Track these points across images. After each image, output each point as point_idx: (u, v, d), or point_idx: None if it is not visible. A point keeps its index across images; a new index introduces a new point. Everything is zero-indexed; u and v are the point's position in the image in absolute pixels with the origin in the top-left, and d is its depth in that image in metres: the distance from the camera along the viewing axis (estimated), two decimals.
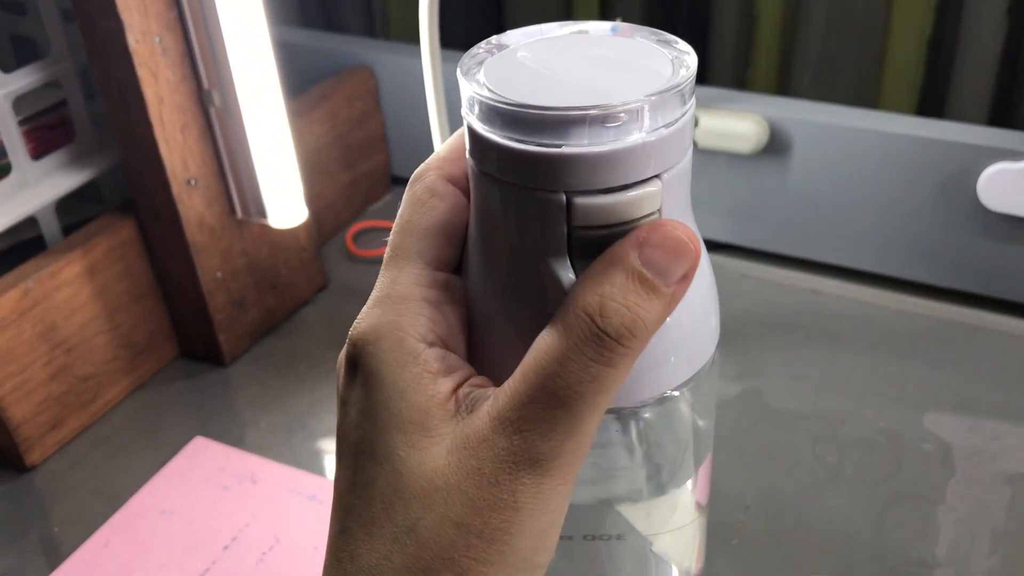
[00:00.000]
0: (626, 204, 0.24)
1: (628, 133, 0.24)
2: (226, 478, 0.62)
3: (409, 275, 0.28)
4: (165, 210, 0.65)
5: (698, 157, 0.74)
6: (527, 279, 0.26)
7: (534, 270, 0.26)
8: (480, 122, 0.25)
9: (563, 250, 0.25)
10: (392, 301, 0.28)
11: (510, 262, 0.27)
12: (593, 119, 0.23)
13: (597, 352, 0.24)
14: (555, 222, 0.25)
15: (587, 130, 0.24)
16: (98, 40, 0.60)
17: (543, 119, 0.24)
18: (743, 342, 0.70)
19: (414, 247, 0.28)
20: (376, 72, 0.86)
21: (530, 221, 0.25)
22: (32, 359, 0.62)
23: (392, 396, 0.26)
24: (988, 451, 0.60)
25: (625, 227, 0.25)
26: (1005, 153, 0.65)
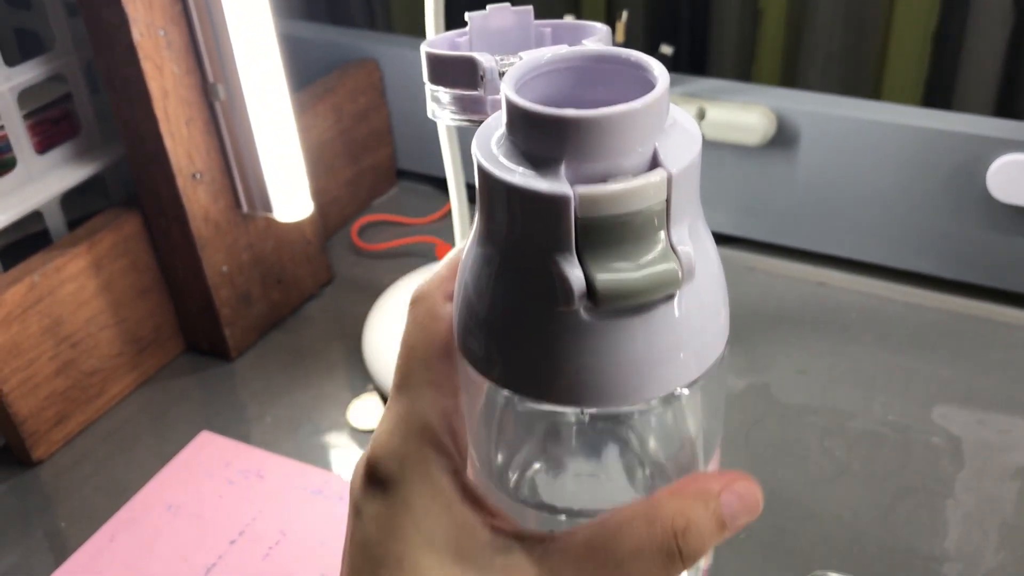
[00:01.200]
0: (631, 192, 0.24)
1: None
2: (232, 473, 0.62)
3: (424, 403, 0.29)
4: (170, 204, 0.65)
5: (705, 149, 0.74)
6: (532, 274, 0.25)
7: (542, 263, 0.25)
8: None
9: (571, 242, 0.24)
10: (413, 431, 0.29)
11: (516, 256, 0.26)
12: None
13: (666, 562, 0.26)
14: (563, 213, 0.24)
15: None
16: (102, 34, 0.60)
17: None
18: (750, 335, 0.69)
19: (423, 376, 0.29)
20: (381, 65, 0.86)
21: (539, 215, 0.25)
22: (38, 354, 0.62)
23: (424, 522, 0.27)
24: (997, 444, 0.59)
25: (631, 216, 0.24)
26: (1014, 144, 0.64)
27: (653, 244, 0.25)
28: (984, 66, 0.78)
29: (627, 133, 0.24)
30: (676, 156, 0.24)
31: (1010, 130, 0.65)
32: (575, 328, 0.25)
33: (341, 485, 0.60)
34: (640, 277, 0.24)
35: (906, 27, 0.79)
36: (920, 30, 0.78)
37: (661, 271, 0.24)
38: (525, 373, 0.27)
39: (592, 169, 0.24)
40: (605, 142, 0.24)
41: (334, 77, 0.83)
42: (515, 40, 0.31)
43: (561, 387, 0.26)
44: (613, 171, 0.24)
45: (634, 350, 0.26)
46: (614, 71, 0.27)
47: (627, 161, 0.24)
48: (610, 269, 0.24)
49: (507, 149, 0.25)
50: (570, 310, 0.25)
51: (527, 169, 0.24)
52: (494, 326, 0.27)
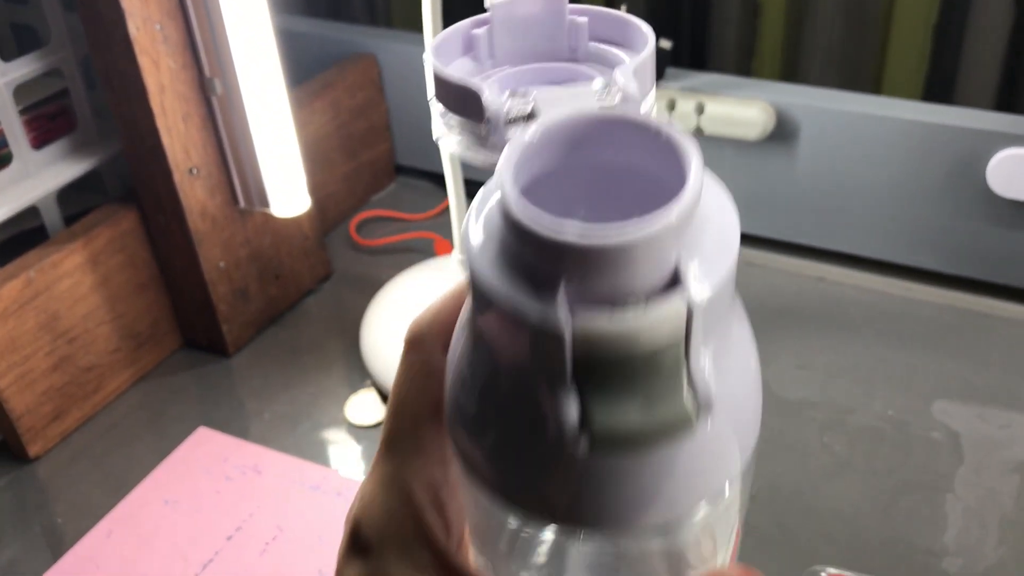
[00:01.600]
0: (640, 331, 0.19)
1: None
2: (229, 468, 0.61)
3: (410, 471, 0.27)
4: (167, 200, 0.65)
5: (704, 144, 0.73)
6: (525, 397, 0.22)
7: (534, 388, 0.21)
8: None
9: (565, 375, 0.20)
10: (396, 500, 0.27)
11: (508, 373, 0.22)
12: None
13: None
14: (556, 345, 0.20)
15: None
16: (99, 28, 0.60)
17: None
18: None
19: (411, 440, 0.27)
20: (380, 60, 0.85)
21: (530, 340, 0.21)
22: (34, 349, 0.62)
23: None
24: (997, 439, 0.59)
25: (641, 355, 0.20)
26: (1015, 139, 0.64)
27: (667, 381, 0.20)
28: (985, 60, 0.78)
29: (639, 258, 0.19)
30: (705, 270, 0.20)
31: (1010, 124, 0.65)
32: (572, 464, 0.22)
33: (339, 481, 0.60)
34: (647, 422, 0.20)
35: (906, 21, 0.79)
36: (920, 24, 0.78)
37: (672, 415, 0.20)
38: (516, 492, 0.24)
39: (597, 290, 0.20)
40: (612, 268, 0.19)
41: (332, 72, 0.83)
42: (544, 32, 0.27)
43: (557, 511, 0.23)
44: (622, 296, 0.20)
45: (641, 482, 0.23)
46: (638, 140, 0.22)
47: (641, 282, 0.20)
48: (612, 410, 0.20)
49: (502, 251, 0.21)
50: (564, 448, 0.21)
51: (520, 284, 0.20)
52: (484, 436, 0.23)
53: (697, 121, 0.71)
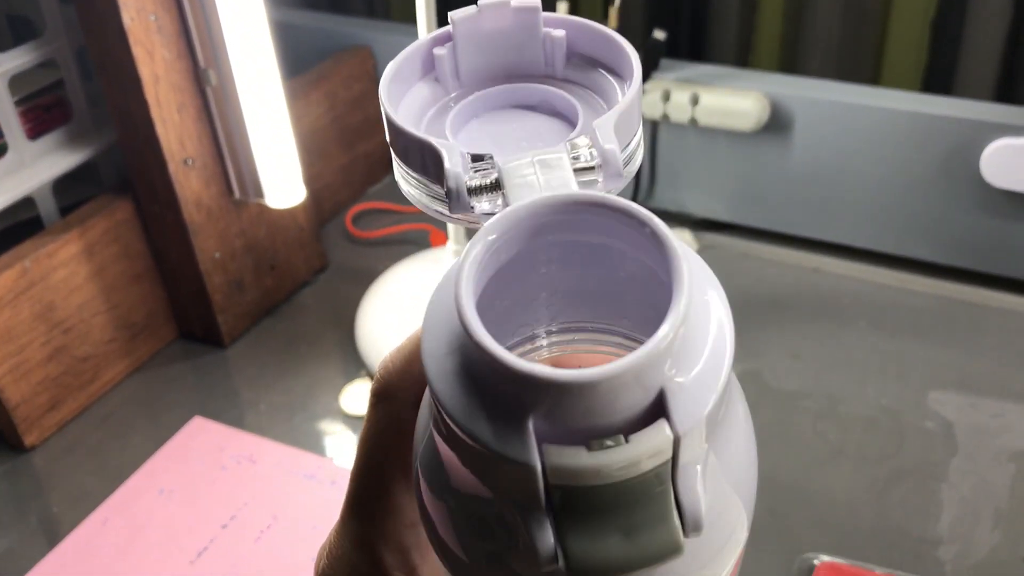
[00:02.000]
0: (618, 465, 0.17)
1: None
2: (225, 458, 0.62)
3: (377, 535, 0.25)
4: (162, 190, 0.65)
5: (698, 135, 0.74)
6: (497, 520, 0.20)
7: (507, 515, 0.19)
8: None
9: (540, 504, 0.18)
10: (365, 564, 0.25)
11: (478, 496, 0.20)
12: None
13: None
14: (526, 479, 0.18)
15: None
16: (93, 19, 0.60)
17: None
18: (744, 322, 0.69)
19: (379, 501, 0.25)
20: (375, 52, 0.86)
21: (499, 472, 0.19)
22: (30, 339, 0.62)
23: None
24: (990, 428, 0.59)
25: (621, 485, 0.18)
26: (1008, 129, 0.64)
27: (651, 511, 0.18)
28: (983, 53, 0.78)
29: (615, 392, 0.17)
30: (692, 394, 0.18)
31: (1003, 115, 0.65)
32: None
33: (333, 470, 0.60)
34: (630, 551, 0.18)
35: (905, 14, 0.79)
36: (919, 16, 0.78)
37: (659, 543, 0.18)
38: None
39: (572, 424, 0.18)
40: (585, 406, 0.17)
41: (328, 64, 0.83)
42: (516, 48, 0.23)
43: None
44: (599, 427, 0.18)
45: None
46: (615, 224, 0.20)
47: (619, 415, 0.18)
48: (591, 540, 0.18)
49: (465, 374, 0.19)
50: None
51: (485, 408, 0.18)
52: (454, 548, 0.21)
53: (692, 112, 0.71)
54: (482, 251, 0.19)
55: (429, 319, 0.20)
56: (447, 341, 0.19)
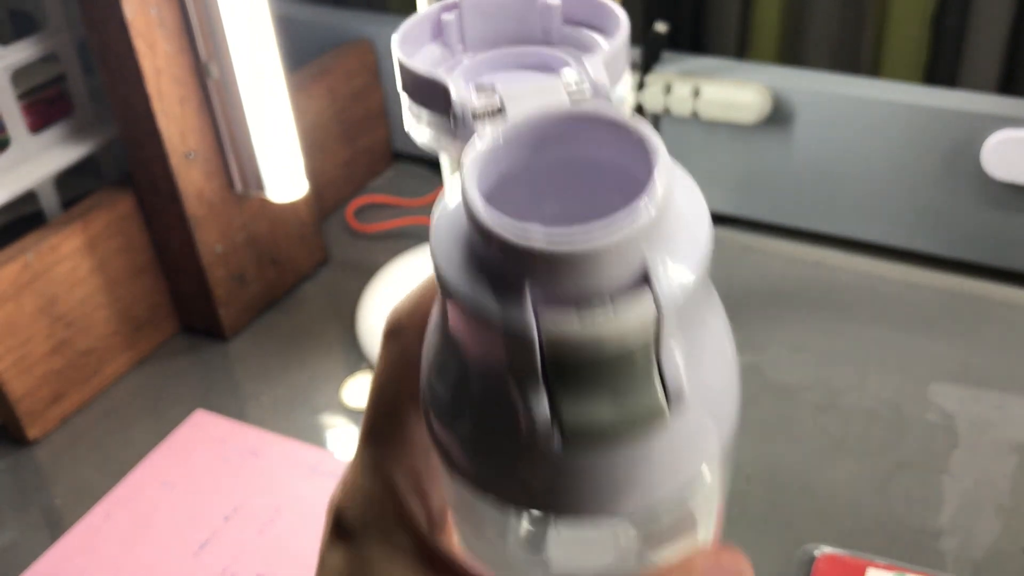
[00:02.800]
0: (607, 334, 0.20)
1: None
2: (227, 451, 0.62)
3: (391, 461, 0.27)
4: (164, 183, 0.65)
5: (700, 128, 0.74)
6: (497, 393, 0.22)
7: (505, 385, 0.21)
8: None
9: (536, 373, 0.20)
10: (378, 488, 0.27)
11: (479, 370, 0.22)
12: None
13: None
14: (525, 347, 0.20)
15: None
16: (95, 12, 0.60)
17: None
18: (747, 315, 0.69)
19: (391, 429, 0.27)
20: (376, 46, 0.86)
21: (499, 341, 0.21)
22: (32, 333, 0.62)
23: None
24: (992, 420, 0.59)
25: (609, 356, 0.20)
26: (1010, 121, 0.64)
27: (636, 378, 0.20)
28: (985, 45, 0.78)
29: (605, 263, 0.19)
30: (675, 268, 0.20)
31: (1005, 106, 0.65)
32: (545, 456, 0.22)
33: (335, 463, 0.60)
34: (618, 414, 0.21)
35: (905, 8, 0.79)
36: (920, 9, 0.78)
37: (643, 407, 0.21)
38: (492, 482, 0.24)
39: (563, 294, 0.20)
40: (578, 272, 0.19)
41: (329, 58, 0.83)
42: (515, 15, 0.26)
43: (533, 498, 0.23)
44: (588, 298, 0.20)
45: (614, 472, 0.23)
46: (605, 135, 0.22)
47: (608, 284, 0.20)
48: (583, 406, 0.20)
49: (468, 253, 0.21)
50: (537, 442, 0.21)
51: (487, 284, 0.20)
52: (458, 429, 0.23)
53: (693, 105, 0.71)
54: (485, 149, 0.21)
55: (437, 222, 0.22)
56: (452, 235, 0.21)
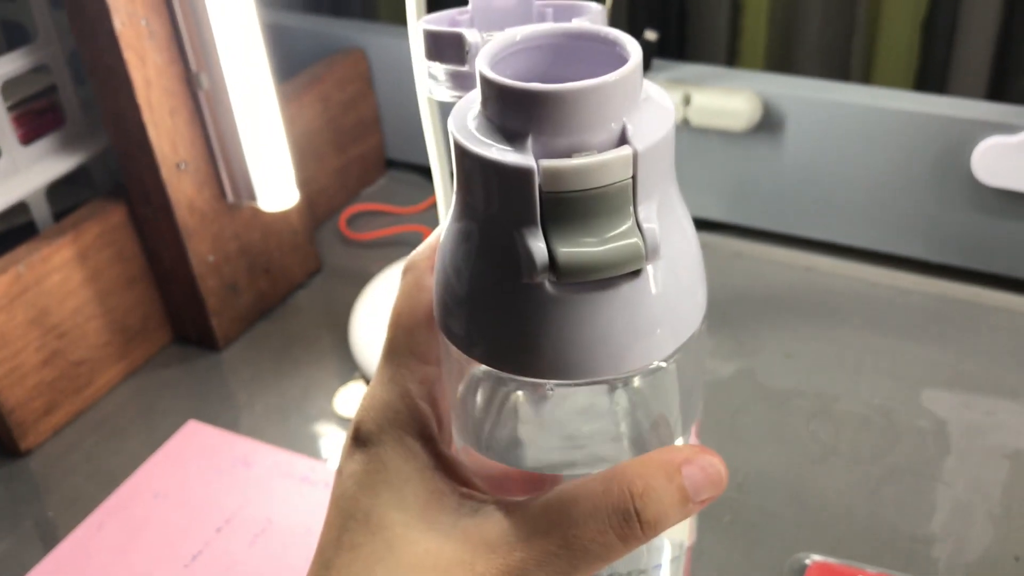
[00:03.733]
0: (594, 168, 0.24)
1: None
2: (219, 461, 0.62)
3: (406, 371, 0.31)
4: (155, 194, 0.65)
5: (691, 135, 0.74)
6: (501, 247, 0.26)
7: (509, 236, 0.26)
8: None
9: (535, 216, 0.25)
10: (394, 396, 0.31)
11: (486, 230, 0.27)
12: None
13: (621, 524, 0.27)
14: (527, 186, 0.25)
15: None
16: (84, 23, 0.60)
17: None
18: (738, 320, 0.69)
19: (406, 345, 0.31)
20: (368, 54, 0.86)
21: (504, 187, 0.25)
22: (24, 344, 0.62)
23: (396, 481, 0.29)
24: (983, 426, 0.59)
25: (596, 192, 0.25)
26: (999, 127, 0.64)
27: (619, 220, 0.25)
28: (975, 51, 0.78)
29: (592, 108, 0.24)
30: (645, 133, 0.25)
31: (994, 113, 0.65)
32: (544, 302, 0.26)
33: (327, 473, 0.60)
34: (602, 252, 0.25)
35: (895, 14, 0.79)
36: (910, 16, 0.78)
37: (624, 247, 0.25)
38: (497, 347, 0.27)
39: (559, 144, 0.24)
40: (570, 116, 0.24)
41: (321, 66, 0.83)
42: (517, 18, 0.31)
43: (532, 361, 0.27)
44: (580, 146, 0.24)
45: (603, 325, 0.26)
46: (590, 48, 0.27)
47: (594, 137, 0.25)
48: (574, 243, 0.25)
49: (480, 123, 0.26)
50: (535, 282, 0.25)
51: (496, 142, 0.25)
52: (467, 300, 0.28)
53: (684, 112, 0.71)
54: (495, 45, 0.26)
55: (454, 113, 0.27)
56: (467, 117, 0.26)
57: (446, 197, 0.67)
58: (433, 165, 0.65)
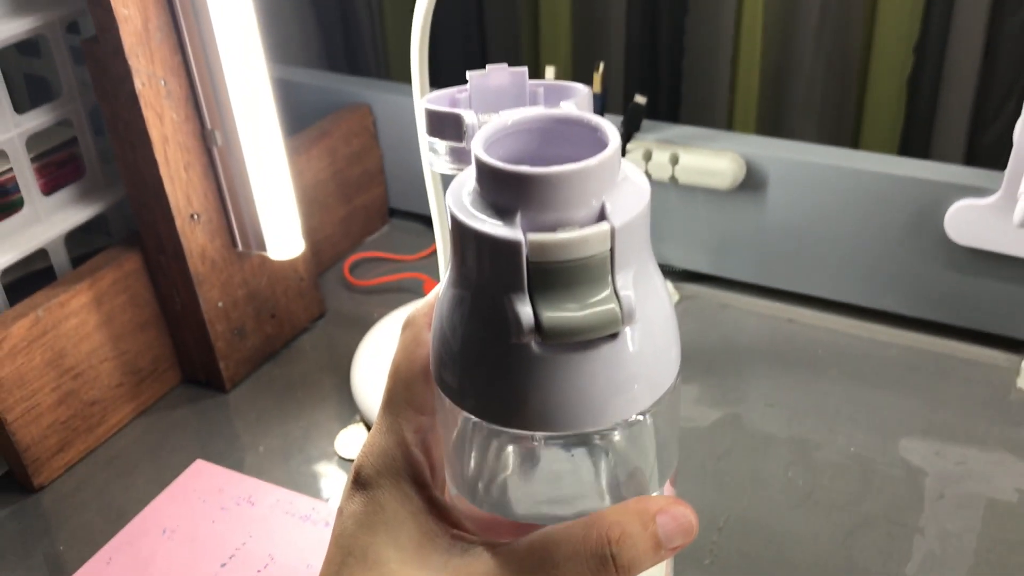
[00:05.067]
0: (576, 242, 0.27)
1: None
2: (225, 499, 0.64)
3: (403, 421, 0.34)
4: (169, 243, 0.68)
5: (678, 193, 0.77)
6: (492, 311, 0.29)
7: (499, 300, 0.28)
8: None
9: (523, 283, 0.28)
10: (391, 444, 0.33)
11: (479, 294, 0.29)
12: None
13: (598, 567, 0.29)
14: (515, 257, 0.27)
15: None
16: (107, 83, 0.64)
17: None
18: (722, 369, 0.72)
19: (403, 396, 0.34)
20: (374, 110, 0.90)
21: (495, 257, 0.28)
22: (41, 385, 0.65)
23: (392, 522, 0.32)
24: (956, 475, 0.62)
25: (578, 263, 0.27)
26: (969, 190, 0.68)
27: (598, 288, 0.28)
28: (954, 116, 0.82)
29: (574, 188, 0.27)
30: (622, 210, 0.28)
31: (965, 176, 0.69)
32: (530, 360, 0.29)
33: (328, 512, 0.63)
34: (584, 316, 0.28)
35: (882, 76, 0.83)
36: (896, 79, 0.82)
37: (603, 312, 0.28)
38: (487, 401, 0.30)
39: (544, 219, 0.27)
40: (555, 196, 0.27)
41: (329, 120, 0.87)
42: (511, 98, 0.34)
43: (519, 413, 0.30)
44: (563, 222, 0.27)
45: (584, 381, 0.29)
46: (575, 132, 0.31)
47: (576, 213, 0.28)
48: (558, 308, 0.28)
49: (475, 199, 0.29)
50: (522, 343, 0.28)
51: (488, 217, 0.28)
52: (460, 357, 0.30)
53: (672, 171, 0.75)
54: (489, 129, 0.29)
55: (451, 191, 0.30)
56: (462, 193, 0.29)
57: (445, 245, 0.71)
58: (434, 215, 0.68)
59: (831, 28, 0.83)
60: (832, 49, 0.84)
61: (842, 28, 0.83)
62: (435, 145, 0.33)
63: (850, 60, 0.84)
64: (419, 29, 0.59)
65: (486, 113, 0.32)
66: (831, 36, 0.83)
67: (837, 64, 0.85)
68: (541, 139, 0.31)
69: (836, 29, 0.83)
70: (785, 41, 0.86)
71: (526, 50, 0.97)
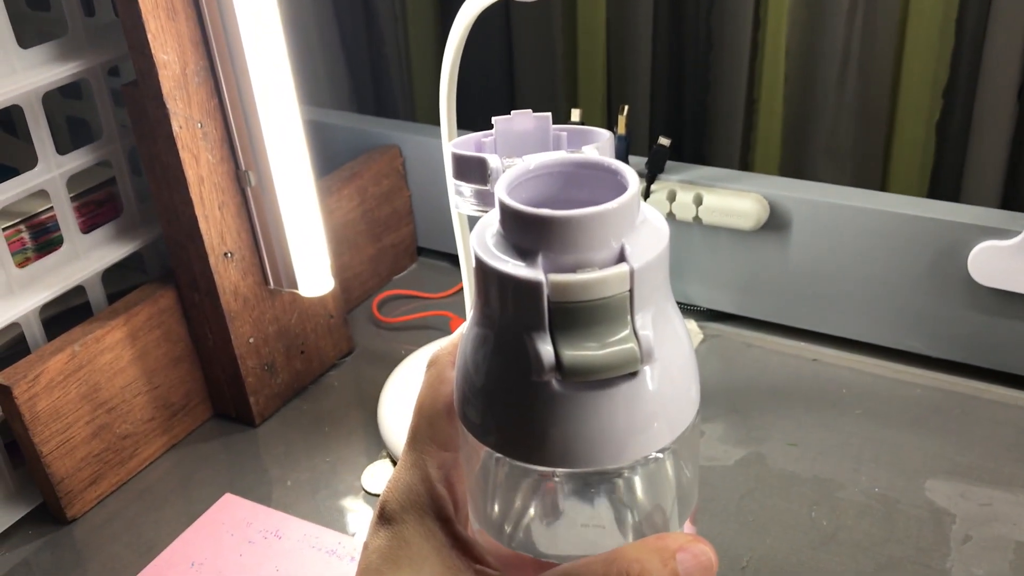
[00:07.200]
0: (596, 283, 0.28)
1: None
2: (252, 533, 0.65)
3: (427, 457, 0.34)
4: (203, 280, 0.70)
5: (702, 233, 0.78)
6: (513, 349, 0.29)
7: (520, 339, 0.29)
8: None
9: (544, 322, 0.28)
10: (415, 480, 0.34)
11: (501, 333, 0.30)
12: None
13: None
14: (537, 297, 0.28)
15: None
16: (145, 126, 0.66)
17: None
18: (746, 408, 0.73)
19: (427, 433, 0.35)
20: (404, 151, 0.91)
21: (517, 297, 0.29)
22: (76, 418, 0.67)
23: (416, 557, 0.33)
24: (982, 517, 0.62)
25: (597, 303, 0.28)
26: (992, 231, 0.68)
27: (617, 328, 0.28)
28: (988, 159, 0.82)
29: (595, 231, 0.28)
30: (641, 252, 0.28)
31: (988, 217, 0.69)
32: (550, 398, 0.29)
33: (354, 547, 0.64)
34: (603, 355, 0.28)
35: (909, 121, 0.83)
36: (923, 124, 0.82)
37: (622, 351, 0.28)
38: (509, 437, 0.31)
39: (565, 260, 0.28)
40: (576, 238, 0.28)
41: (360, 161, 0.89)
42: (535, 142, 0.35)
43: (539, 450, 0.30)
44: (584, 263, 0.28)
45: (604, 419, 0.29)
46: (595, 176, 0.31)
47: (596, 255, 0.28)
48: (578, 347, 0.28)
49: (498, 240, 0.30)
50: (543, 381, 0.29)
51: (511, 258, 0.29)
52: (482, 394, 0.31)
53: (696, 211, 0.76)
54: (512, 173, 0.30)
55: (475, 233, 0.30)
56: (487, 235, 0.30)
57: (471, 284, 0.72)
58: (460, 254, 0.70)
59: (855, 73, 0.84)
60: (856, 94, 0.85)
61: (867, 74, 0.84)
62: (461, 188, 0.34)
63: (876, 105, 0.84)
64: (447, 76, 0.60)
65: (510, 157, 0.33)
66: (855, 81, 0.84)
67: (862, 109, 0.85)
68: (563, 183, 0.32)
69: (860, 74, 0.84)
70: (807, 86, 0.87)
71: (560, 89, 0.99)
